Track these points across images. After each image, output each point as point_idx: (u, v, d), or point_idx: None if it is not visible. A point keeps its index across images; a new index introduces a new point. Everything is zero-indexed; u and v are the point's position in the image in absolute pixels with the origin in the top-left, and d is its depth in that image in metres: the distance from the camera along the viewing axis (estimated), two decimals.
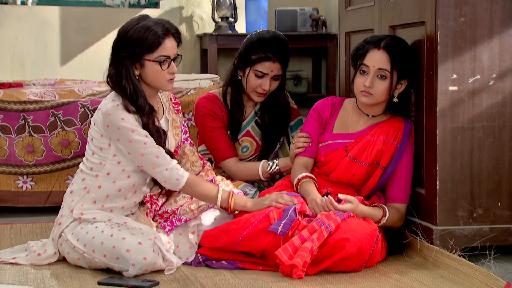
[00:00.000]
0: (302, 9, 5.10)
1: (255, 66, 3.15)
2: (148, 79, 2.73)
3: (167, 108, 2.91)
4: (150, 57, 2.69)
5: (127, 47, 2.68)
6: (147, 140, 2.68)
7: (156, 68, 2.70)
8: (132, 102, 2.69)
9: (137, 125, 2.68)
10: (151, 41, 2.67)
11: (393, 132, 2.91)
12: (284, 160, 3.17)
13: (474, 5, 2.75)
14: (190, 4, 5.21)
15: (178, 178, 2.71)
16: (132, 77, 2.70)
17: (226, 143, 3.23)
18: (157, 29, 2.68)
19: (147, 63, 2.70)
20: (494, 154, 2.81)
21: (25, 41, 4.87)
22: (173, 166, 2.71)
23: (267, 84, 3.16)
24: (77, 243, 2.66)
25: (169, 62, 2.72)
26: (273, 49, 3.15)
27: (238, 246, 2.68)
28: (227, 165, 3.23)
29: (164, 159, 2.70)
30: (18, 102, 3.71)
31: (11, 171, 3.70)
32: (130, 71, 2.70)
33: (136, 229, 2.64)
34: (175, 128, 2.91)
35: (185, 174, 2.72)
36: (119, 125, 2.66)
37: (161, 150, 2.71)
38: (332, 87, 5.06)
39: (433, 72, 2.78)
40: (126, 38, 2.69)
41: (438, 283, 2.49)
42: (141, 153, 2.68)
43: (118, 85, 2.70)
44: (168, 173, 2.70)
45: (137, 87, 2.70)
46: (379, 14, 3.23)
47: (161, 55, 2.69)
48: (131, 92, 2.69)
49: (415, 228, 2.86)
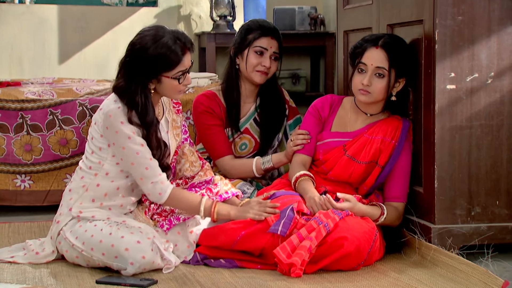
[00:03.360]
0: (300, 8, 5.10)
1: (254, 43, 3.23)
2: (163, 92, 2.74)
3: (167, 109, 2.90)
4: (169, 74, 2.68)
5: (145, 65, 2.66)
6: (141, 149, 2.67)
7: (174, 83, 2.71)
8: (141, 117, 2.67)
9: (135, 132, 2.67)
10: (172, 60, 2.66)
11: (391, 131, 2.91)
12: (278, 155, 3.17)
13: (472, 3, 2.75)
14: (188, 2, 5.21)
15: (161, 192, 2.70)
16: (147, 94, 2.68)
17: (223, 141, 3.24)
18: (177, 48, 2.66)
19: (164, 79, 2.70)
20: (492, 153, 2.81)
21: (23, 39, 4.87)
22: (159, 179, 2.70)
23: (268, 60, 3.22)
24: (76, 241, 2.66)
25: (185, 76, 2.73)
26: (268, 27, 3.27)
27: (237, 245, 2.68)
28: (222, 163, 3.23)
29: (153, 172, 2.68)
30: (16, 101, 3.70)
31: (9, 170, 3.69)
32: (146, 88, 2.68)
33: (135, 227, 2.65)
34: (175, 128, 2.91)
35: (168, 188, 2.71)
36: (118, 129, 2.65)
37: (153, 162, 2.69)
38: (331, 86, 5.06)
39: (431, 71, 2.78)
40: (145, 56, 2.65)
41: (436, 282, 2.49)
42: (132, 161, 2.68)
43: (130, 99, 2.67)
44: (152, 186, 2.69)
45: (149, 103, 2.69)
46: (377, 12, 3.23)
47: (179, 71, 2.69)
48: (142, 108, 2.67)
49: (413, 227, 2.86)
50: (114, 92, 2.72)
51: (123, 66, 2.71)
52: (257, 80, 3.25)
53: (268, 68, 3.23)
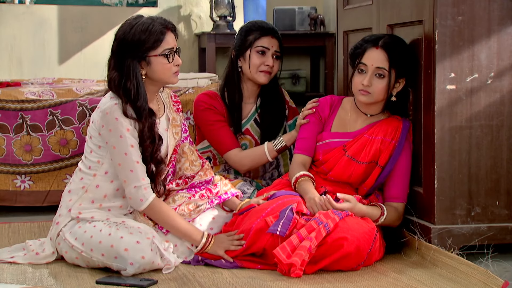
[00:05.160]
0: (300, 8, 5.11)
1: (255, 44, 3.24)
2: (155, 75, 2.74)
3: (167, 107, 2.91)
4: (156, 53, 2.71)
5: (130, 48, 2.69)
6: (130, 151, 2.67)
7: (163, 62, 2.72)
8: (133, 103, 2.68)
9: (130, 129, 2.67)
10: (155, 37, 2.69)
11: (391, 131, 2.91)
12: (288, 134, 3.20)
13: (472, 3, 2.75)
14: (188, 3, 5.21)
15: (142, 198, 2.69)
16: (138, 77, 2.70)
17: (228, 135, 3.24)
18: (157, 25, 2.71)
19: (153, 59, 2.71)
20: (492, 153, 2.81)
21: (23, 40, 4.87)
22: (143, 184, 2.68)
23: (270, 59, 3.24)
24: (75, 242, 2.66)
25: (173, 55, 2.74)
26: (267, 27, 3.29)
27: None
28: (231, 156, 3.23)
29: (136, 176, 2.67)
30: (16, 101, 3.70)
31: (9, 170, 3.70)
32: (137, 71, 2.70)
33: (134, 228, 2.64)
34: (175, 126, 2.91)
35: (150, 197, 2.69)
36: (112, 127, 2.66)
37: (139, 166, 2.68)
38: (330, 86, 5.06)
39: (431, 71, 2.78)
40: (128, 40, 2.70)
41: (436, 282, 2.49)
42: (119, 162, 2.68)
43: (122, 88, 2.69)
44: (135, 190, 2.68)
45: (140, 88, 2.70)
46: (377, 12, 3.23)
47: (165, 48, 2.72)
48: (134, 94, 2.68)
49: (413, 227, 2.86)
50: (108, 86, 2.74)
51: (111, 60, 2.74)
52: (261, 81, 3.26)
53: (271, 67, 3.24)
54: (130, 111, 2.68)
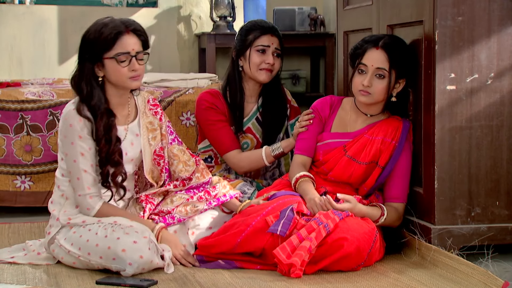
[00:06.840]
0: (300, 8, 5.10)
1: (255, 42, 3.24)
2: (111, 78, 2.71)
3: (141, 112, 2.87)
4: (109, 55, 2.67)
5: (88, 48, 2.68)
6: (79, 158, 2.67)
7: (115, 66, 2.68)
8: (87, 103, 2.67)
9: (82, 136, 2.66)
10: (107, 38, 2.65)
11: (392, 131, 2.91)
12: (286, 140, 3.20)
13: (472, 4, 2.75)
14: (188, 3, 5.21)
15: (89, 207, 2.70)
16: (91, 79, 2.68)
17: (229, 135, 3.24)
18: (113, 26, 2.66)
19: (106, 62, 2.68)
20: (492, 153, 2.81)
21: (23, 40, 4.87)
22: (87, 193, 2.68)
23: (270, 57, 3.24)
24: (72, 248, 2.65)
25: (129, 59, 2.69)
26: (267, 25, 3.29)
27: (237, 249, 2.68)
28: (230, 157, 3.23)
29: (81, 184, 2.68)
30: (16, 102, 3.70)
31: (9, 170, 3.69)
32: (92, 72, 2.69)
33: (129, 227, 2.62)
34: (151, 131, 2.87)
35: (96, 205, 2.70)
36: (66, 133, 2.68)
37: (86, 175, 2.68)
38: (330, 86, 5.06)
39: (431, 71, 2.78)
40: (86, 39, 2.69)
41: (436, 282, 2.49)
42: (70, 169, 2.70)
43: (77, 87, 2.70)
44: (80, 199, 2.69)
45: (94, 89, 2.68)
46: (377, 13, 3.23)
47: (119, 52, 2.67)
48: (87, 93, 2.68)
49: (413, 227, 2.86)
50: (70, 83, 2.74)
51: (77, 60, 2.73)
52: (262, 79, 3.26)
53: (272, 65, 3.24)
54: (85, 110, 2.67)
